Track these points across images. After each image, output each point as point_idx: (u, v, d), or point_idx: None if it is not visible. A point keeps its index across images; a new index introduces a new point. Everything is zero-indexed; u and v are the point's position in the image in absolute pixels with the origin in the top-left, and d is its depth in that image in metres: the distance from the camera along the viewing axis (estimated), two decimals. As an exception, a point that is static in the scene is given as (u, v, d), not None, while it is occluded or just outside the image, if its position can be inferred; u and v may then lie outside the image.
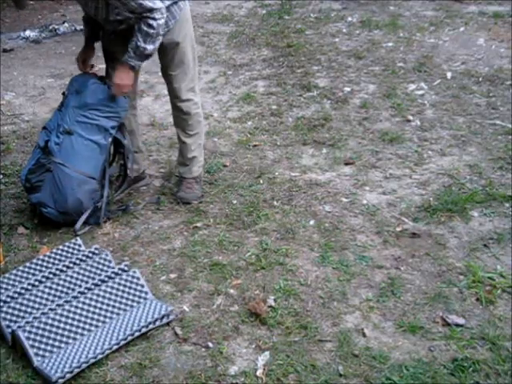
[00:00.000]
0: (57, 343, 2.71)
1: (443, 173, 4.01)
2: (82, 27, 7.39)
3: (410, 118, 4.79)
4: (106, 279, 2.97)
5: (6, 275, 3.13)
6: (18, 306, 2.84)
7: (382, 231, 3.47)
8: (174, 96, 3.72)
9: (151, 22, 3.26)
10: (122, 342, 2.72)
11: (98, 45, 3.73)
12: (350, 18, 7.28)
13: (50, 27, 7.49)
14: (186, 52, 3.59)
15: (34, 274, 3.12)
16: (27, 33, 7.38)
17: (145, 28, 3.28)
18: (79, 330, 2.78)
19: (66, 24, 7.55)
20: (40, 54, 6.66)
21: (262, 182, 4.00)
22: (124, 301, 2.92)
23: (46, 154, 3.53)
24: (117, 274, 3.01)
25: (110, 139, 3.60)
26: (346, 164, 4.18)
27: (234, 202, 3.80)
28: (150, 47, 3.35)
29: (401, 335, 2.76)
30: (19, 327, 2.69)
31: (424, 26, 6.84)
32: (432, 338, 2.74)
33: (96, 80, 3.60)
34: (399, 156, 4.25)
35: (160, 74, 3.80)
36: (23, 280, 3.09)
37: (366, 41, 6.50)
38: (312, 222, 3.58)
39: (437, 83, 5.36)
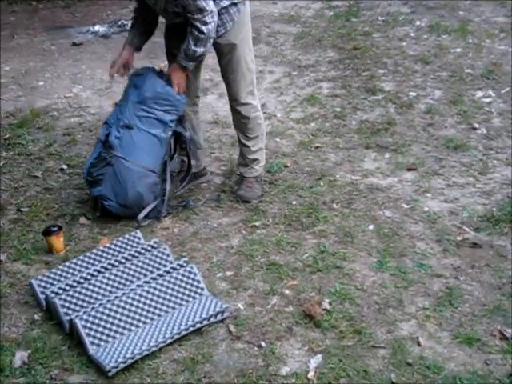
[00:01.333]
0: (112, 333, 2.76)
1: (508, 183, 3.92)
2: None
3: (476, 125, 4.69)
4: (164, 274, 3.00)
5: (67, 264, 3.19)
6: (76, 295, 2.90)
7: (442, 239, 3.42)
8: (233, 99, 3.74)
9: (201, 26, 3.30)
10: (176, 337, 2.75)
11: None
12: (418, 22, 7.18)
13: (119, 22, 7.61)
14: (243, 55, 3.60)
15: (93, 264, 3.18)
16: (96, 27, 7.51)
17: (195, 32, 3.32)
18: (135, 322, 2.82)
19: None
20: (108, 49, 6.77)
21: (322, 184, 3.99)
22: (180, 295, 2.95)
23: (107, 148, 3.58)
24: (174, 268, 3.04)
25: (170, 132, 3.63)
26: (409, 170, 4.13)
27: (294, 202, 3.79)
28: (200, 50, 3.39)
29: (456, 346, 2.71)
30: (77, 316, 2.74)
31: (494, 32, 6.69)
32: (488, 351, 2.68)
33: (154, 74, 3.63)
34: (463, 164, 4.18)
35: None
36: (83, 269, 3.15)
37: (434, 46, 6.40)
38: (371, 227, 3.54)
39: (505, 91, 5.24)
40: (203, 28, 3.30)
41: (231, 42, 3.54)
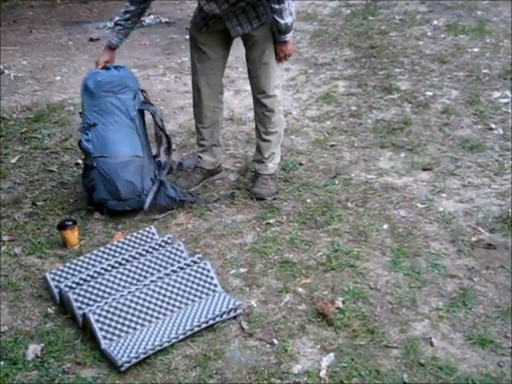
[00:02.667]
0: (125, 328, 2.76)
1: (524, 184, 3.91)
2: (167, 19, 7.54)
3: (493, 126, 4.67)
4: (178, 270, 3.01)
5: (81, 258, 3.20)
6: (90, 289, 2.91)
7: (456, 240, 3.40)
8: (261, 91, 3.72)
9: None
10: (189, 333, 2.75)
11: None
12: (435, 22, 7.16)
13: (136, 18, 7.63)
14: (274, 48, 3.61)
15: (107, 259, 3.19)
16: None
17: (275, 5, 3.36)
18: (148, 317, 2.82)
19: (151, 16, 7.67)
20: (125, 45, 6.68)
21: (337, 182, 3.98)
22: (193, 292, 2.95)
23: (85, 154, 3.63)
24: (188, 265, 3.04)
25: (135, 112, 3.61)
26: (424, 169, 4.11)
27: (308, 200, 3.79)
28: (289, 19, 3.44)
29: (469, 347, 2.70)
30: (90, 310, 2.75)
31: (512, 32, 6.67)
32: (502, 353, 2.66)
33: (96, 71, 3.65)
34: (479, 164, 4.16)
35: (241, 69, 3.82)
36: (96, 264, 3.16)
37: (451, 45, 6.37)
38: (385, 226, 3.53)
39: (523, 92, 5.22)
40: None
41: (268, 34, 3.55)
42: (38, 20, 7.92)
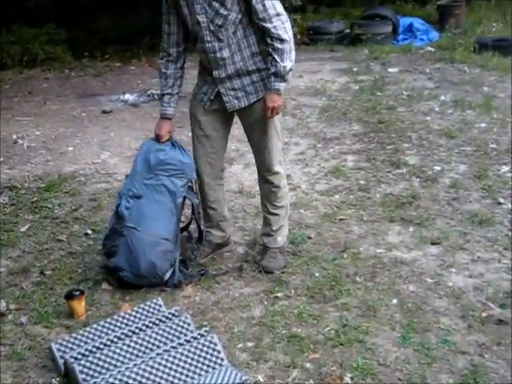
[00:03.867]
0: (131, 402, 2.73)
1: (534, 260, 3.89)
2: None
3: (501, 200, 4.68)
4: (184, 343, 2.98)
5: (87, 329, 3.18)
6: (95, 361, 2.87)
7: (466, 315, 3.37)
8: (266, 169, 3.74)
9: (283, 34, 3.34)
10: (195, 407, 2.71)
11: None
12: (443, 97, 7.26)
13: (149, 92, 7.79)
14: (275, 124, 3.63)
15: (113, 330, 3.17)
16: (126, 96, 7.69)
17: (277, 45, 3.35)
18: (153, 391, 2.79)
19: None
20: (137, 117, 6.90)
21: (345, 256, 3.97)
22: (200, 365, 2.91)
23: (118, 219, 3.61)
24: (195, 338, 3.01)
25: (181, 199, 3.64)
26: (433, 244, 4.10)
27: (317, 274, 3.77)
28: (289, 64, 3.41)
29: (481, 427, 2.65)
30: (95, 383, 2.72)
31: (518, 107, 6.75)
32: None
33: (157, 144, 3.65)
34: (488, 239, 4.15)
35: (250, 143, 3.85)
36: (103, 335, 3.13)
37: (459, 120, 6.44)
38: (395, 301, 3.50)
39: (530, 167, 5.24)
40: (285, 36, 3.34)
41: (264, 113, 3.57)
42: (53, 92, 8.08)
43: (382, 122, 6.44)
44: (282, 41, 3.36)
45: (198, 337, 3.01)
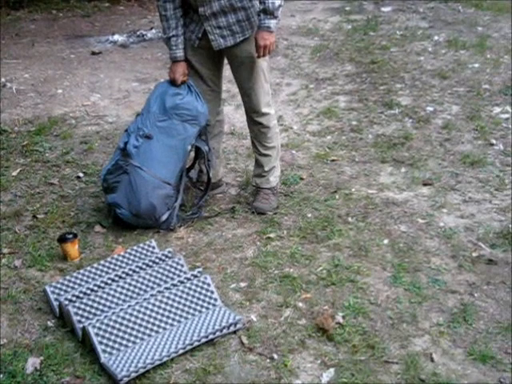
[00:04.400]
0: (125, 342, 2.76)
1: (525, 200, 3.91)
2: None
3: (493, 141, 4.68)
4: (178, 284, 3.00)
5: (81, 271, 3.20)
6: (90, 303, 2.90)
7: (457, 255, 3.40)
8: (253, 111, 3.73)
9: None
10: (188, 347, 2.74)
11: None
12: (436, 37, 7.18)
13: (138, 33, 7.67)
14: (262, 66, 3.61)
15: (107, 273, 3.19)
16: (115, 37, 7.57)
17: None
18: (147, 331, 2.82)
19: (153, 30, 7.71)
20: (126, 58, 6.81)
21: (337, 197, 3.98)
22: (193, 306, 2.95)
23: (124, 156, 3.59)
24: (188, 279, 3.04)
25: (190, 146, 3.64)
26: (425, 185, 4.12)
27: (309, 215, 3.79)
28: (277, 0, 3.37)
29: (470, 363, 2.69)
30: (89, 323, 2.75)
31: (513, 48, 6.69)
32: (503, 368, 2.66)
33: (174, 87, 3.62)
34: (480, 180, 4.16)
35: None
36: (96, 277, 3.16)
37: (452, 61, 6.39)
38: (386, 241, 3.53)
39: (523, 107, 5.22)
40: None
41: (252, 54, 3.54)
42: (41, 33, 7.94)
43: (375, 62, 6.38)
44: None
45: (192, 278, 3.04)
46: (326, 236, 3.58)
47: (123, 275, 3.13)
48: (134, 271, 3.15)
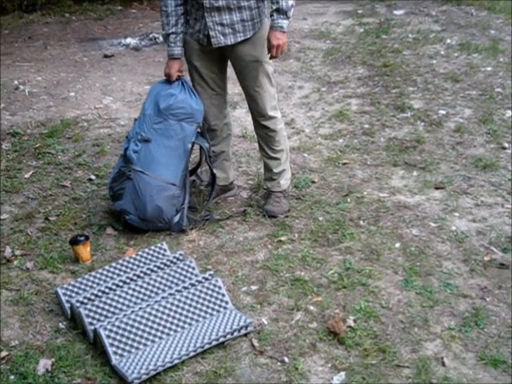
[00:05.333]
0: (136, 344, 2.76)
1: (538, 204, 3.89)
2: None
3: (506, 145, 4.66)
4: (189, 286, 3.00)
5: (92, 273, 3.21)
6: (101, 305, 2.91)
7: (469, 259, 3.39)
8: (259, 114, 3.73)
9: None
10: (199, 350, 2.75)
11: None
12: (449, 41, 7.16)
13: (150, 36, 7.69)
14: (266, 70, 3.61)
15: (118, 275, 3.20)
16: (128, 40, 7.59)
17: None
18: (158, 334, 2.82)
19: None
20: (139, 61, 6.83)
21: (349, 200, 3.97)
22: (204, 308, 2.95)
23: (126, 163, 3.61)
24: (200, 281, 3.04)
25: (190, 144, 3.63)
26: (437, 188, 4.10)
27: (320, 218, 3.79)
28: (291, 1, 3.38)
29: (482, 368, 2.68)
30: (101, 325, 2.75)
31: (526, 51, 6.66)
32: (515, 373, 2.65)
33: (168, 86, 3.61)
34: (492, 183, 4.14)
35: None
36: (108, 279, 3.16)
37: (465, 64, 6.37)
38: (398, 245, 3.52)
39: (536, 111, 5.20)
40: None
41: (257, 59, 3.54)
42: (54, 36, 7.98)
43: (387, 65, 6.37)
44: None
45: (203, 280, 3.04)
46: (337, 239, 3.58)
47: (134, 277, 3.13)
48: (146, 274, 3.16)
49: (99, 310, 2.89)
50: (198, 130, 3.68)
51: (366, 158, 4.54)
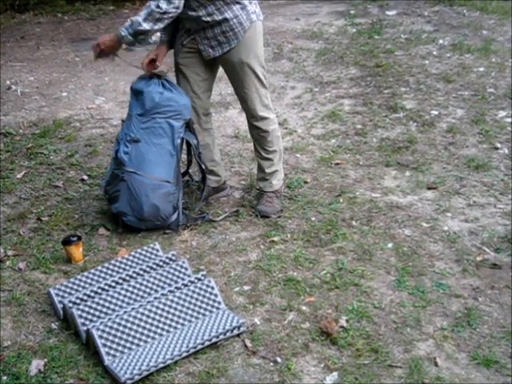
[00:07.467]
0: (128, 344, 2.76)
1: (529, 204, 3.90)
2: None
3: (498, 145, 4.67)
4: (182, 287, 3.00)
5: (85, 274, 3.20)
6: (94, 305, 2.90)
7: (461, 259, 3.39)
8: (251, 115, 3.74)
9: (162, 3, 3.30)
10: (192, 350, 2.74)
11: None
12: (441, 41, 7.18)
13: (143, 36, 7.67)
14: (255, 72, 3.60)
15: (111, 275, 3.19)
16: (121, 40, 7.56)
17: (152, 5, 3.33)
18: (151, 334, 2.82)
19: (157, 34, 7.70)
20: (135, 62, 6.80)
21: (341, 200, 3.98)
22: (197, 309, 2.94)
23: (118, 165, 3.60)
24: (192, 282, 3.04)
25: (179, 140, 3.62)
26: (429, 188, 4.11)
27: (313, 218, 3.79)
28: (146, 26, 3.40)
29: (474, 368, 2.68)
30: (93, 326, 2.75)
31: (518, 52, 6.68)
32: (507, 373, 2.64)
33: (151, 83, 3.60)
34: (484, 184, 4.15)
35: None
36: (101, 280, 3.16)
37: (457, 64, 6.39)
38: (390, 245, 3.53)
39: (528, 112, 5.22)
40: (163, 5, 3.30)
41: (242, 61, 3.55)
42: (46, 36, 7.97)
43: (380, 65, 6.39)
44: (157, 6, 3.34)
45: (195, 281, 3.04)
46: (329, 239, 3.58)
47: (127, 278, 3.13)
48: (138, 274, 3.15)
49: (92, 311, 2.89)
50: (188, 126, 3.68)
51: (359, 159, 4.55)
